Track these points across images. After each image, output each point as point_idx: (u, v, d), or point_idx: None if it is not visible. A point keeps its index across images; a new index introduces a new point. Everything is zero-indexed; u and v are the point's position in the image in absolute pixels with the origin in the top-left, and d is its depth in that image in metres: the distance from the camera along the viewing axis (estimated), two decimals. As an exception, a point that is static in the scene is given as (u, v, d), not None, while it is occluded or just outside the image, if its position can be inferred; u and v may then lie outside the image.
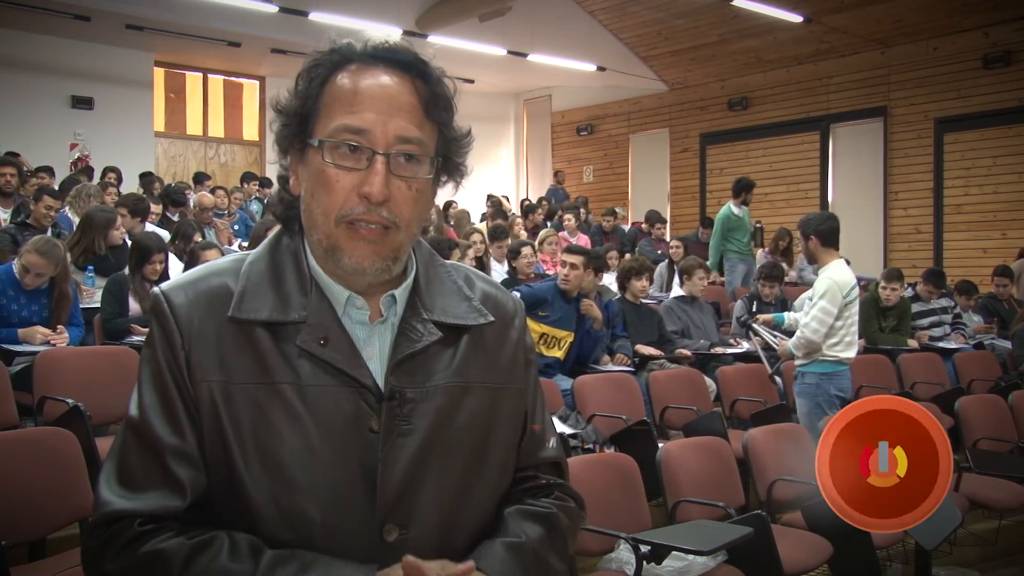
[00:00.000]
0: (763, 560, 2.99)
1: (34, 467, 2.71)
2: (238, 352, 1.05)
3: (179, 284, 1.10)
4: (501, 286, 1.28)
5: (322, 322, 1.07)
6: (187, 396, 1.04)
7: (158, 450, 1.03)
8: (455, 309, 1.15)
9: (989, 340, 7.14)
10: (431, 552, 1.03)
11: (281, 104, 1.12)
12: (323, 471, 1.02)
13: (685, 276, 6.23)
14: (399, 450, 1.05)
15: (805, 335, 4.40)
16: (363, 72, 1.09)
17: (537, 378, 1.26)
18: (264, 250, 1.14)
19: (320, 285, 1.10)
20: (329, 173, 1.06)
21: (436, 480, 1.08)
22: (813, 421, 4.39)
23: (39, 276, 4.29)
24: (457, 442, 1.10)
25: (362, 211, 1.05)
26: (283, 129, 1.12)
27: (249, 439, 1.03)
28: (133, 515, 1.01)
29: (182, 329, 1.06)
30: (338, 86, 1.09)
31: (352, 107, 1.07)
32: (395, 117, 1.07)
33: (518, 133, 16.07)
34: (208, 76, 13.49)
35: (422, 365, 1.10)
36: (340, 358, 1.06)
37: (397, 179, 1.06)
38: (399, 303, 1.13)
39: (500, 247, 7.62)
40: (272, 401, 1.04)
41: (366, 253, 1.06)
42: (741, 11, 10.54)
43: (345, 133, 1.06)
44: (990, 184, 10.30)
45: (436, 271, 1.18)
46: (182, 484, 1.03)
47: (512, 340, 1.20)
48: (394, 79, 1.09)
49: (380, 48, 1.10)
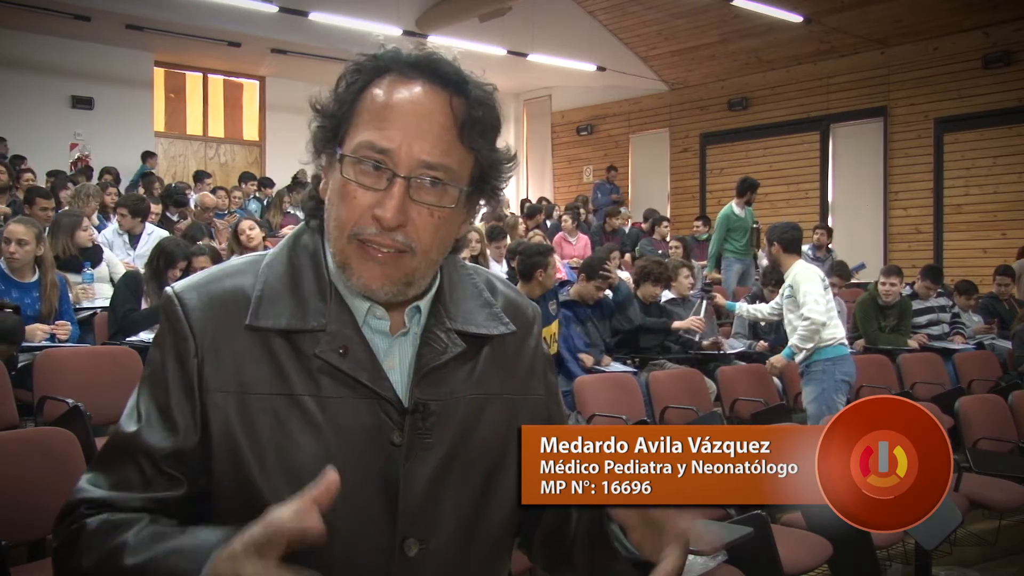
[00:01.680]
0: (763, 560, 2.99)
1: (34, 467, 2.71)
2: (255, 361, 1.02)
3: (192, 285, 1.06)
4: (521, 292, 1.25)
5: (341, 331, 1.04)
6: (191, 407, 1.02)
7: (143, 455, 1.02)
8: (477, 316, 1.12)
9: (989, 340, 7.14)
10: (450, 565, 1.02)
11: (320, 104, 1.07)
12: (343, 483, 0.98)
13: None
14: (421, 464, 1.03)
15: (808, 320, 4.65)
16: (399, 84, 1.04)
17: (556, 388, 1.23)
18: (282, 250, 1.10)
19: (340, 292, 1.07)
20: (349, 187, 1.02)
21: (456, 493, 1.06)
22: (819, 405, 4.64)
23: (22, 246, 4.29)
24: (478, 455, 1.08)
25: (374, 232, 1.01)
26: (319, 131, 1.08)
27: (267, 449, 1.01)
28: (90, 503, 1.00)
29: (196, 337, 1.02)
30: (373, 96, 1.04)
31: (381, 122, 1.02)
32: (421, 139, 1.01)
33: (518, 133, 16.07)
34: (208, 76, 13.49)
35: (445, 377, 1.07)
36: (360, 369, 1.03)
37: (417, 204, 1.02)
38: (423, 312, 1.10)
39: (499, 247, 7.60)
40: (291, 412, 1.01)
41: (375, 275, 1.02)
42: (741, 11, 10.55)
43: (368, 150, 1.01)
44: (990, 184, 10.30)
45: (459, 276, 1.15)
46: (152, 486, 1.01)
47: (530, 348, 1.18)
48: (429, 95, 1.03)
49: (422, 59, 1.05)
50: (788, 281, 4.88)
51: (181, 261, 4.76)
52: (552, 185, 15.32)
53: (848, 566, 3.36)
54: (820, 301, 4.69)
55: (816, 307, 4.66)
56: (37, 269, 4.41)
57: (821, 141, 11.90)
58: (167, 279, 4.68)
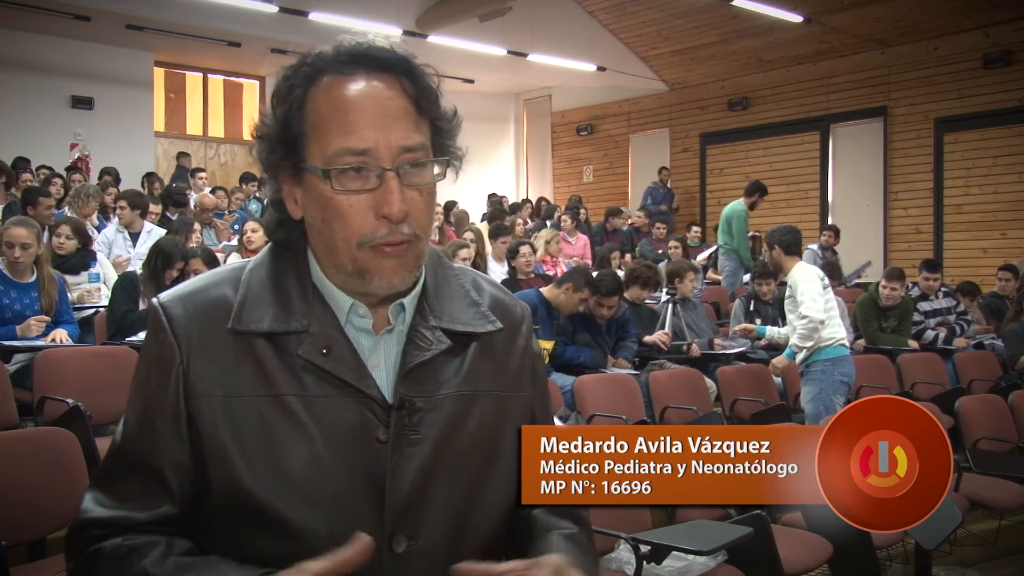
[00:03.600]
0: (763, 560, 2.99)
1: (34, 467, 2.71)
2: (240, 364, 1.03)
3: (177, 296, 1.07)
4: (508, 291, 1.25)
5: (324, 331, 1.05)
6: (175, 415, 1.03)
7: (134, 465, 1.04)
8: (463, 315, 1.12)
9: (989, 340, 7.13)
10: (439, 561, 1.03)
11: (262, 130, 1.07)
12: (330, 482, 1.01)
13: (676, 279, 6.20)
14: (408, 460, 1.04)
15: (806, 319, 4.66)
16: (344, 82, 1.03)
17: (546, 387, 1.24)
18: (265, 256, 1.12)
19: (323, 293, 1.08)
20: (340, 201, 1.02)
21: (445, 490, 1.06)
22: (817, 405, 4.65)
23: (26, 249, 4.30)
24: (466, 451, 1.08)
25: (385, 233, 1.02)
26: (269, 155, 1.07)
27: (254, 451, 1.01)
28: (96, 523, 1.02)
29: (180, 343, 1.04)
30: (323, 103, 1.03)
31: (346, 125, 1.01)
32: (393, 127, 1.02)
33: (518, 133, 16.06)
34: (208, 76, 13.49)
35: (431, 374, 1.08)
36: (343, 368, 1.04)
37: (410, 189, 1.03)
38: (408, 310, 1.10)
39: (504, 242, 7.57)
40: (276, 413, 1.02)
41: (394, 269, 1.04)
42: (741, 11, 10.54)
43: (347, 156, 1.01)
44: (990, 184, 10.30)
45: (444, 275, 1.16)
46: (153, 500, 1.03)
47: (519, 347, 1.18)
48: (381, 84, 1.03)
49: (356, 51, 1.04)
50: (788, 282, 4.90)
51: (179, 261, 4.75)
52: (552, 185, 15.31)
53: (848, 566, 3.36)
54: (818, 300, 4.70)
55: (814, 305, 4.67)
56: (35, 268, 4.41)
57: (821, 141, 11.89)
58: (165, 279, 4.68)
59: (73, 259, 5.18)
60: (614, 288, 5.16)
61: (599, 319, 5.25)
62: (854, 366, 4.86)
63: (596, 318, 5.24)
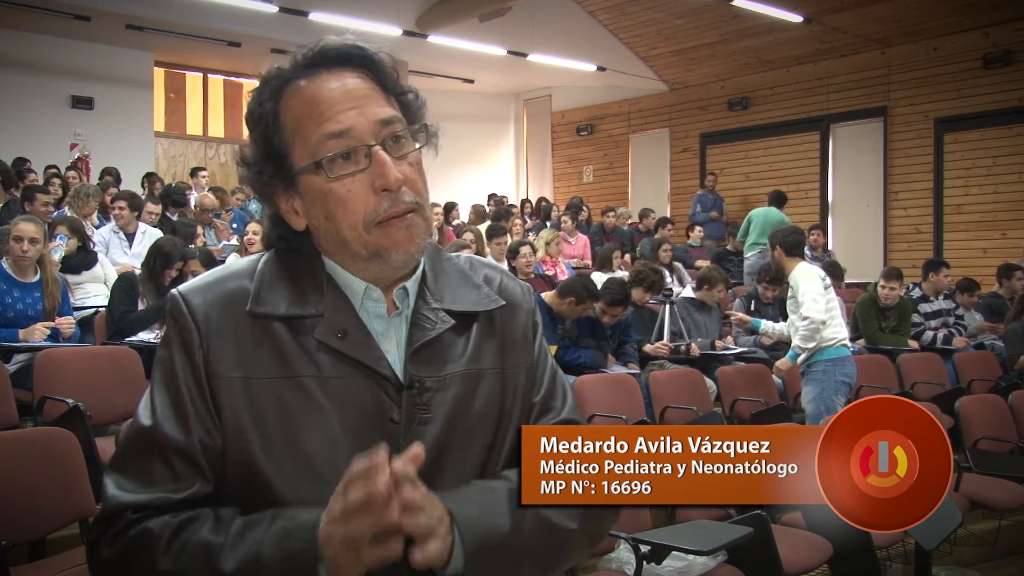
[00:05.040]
0: (763, 560, 3.00)
1: (34, 467, 2.71)
2: (258, 347, 1.06)
3: (196, 287, 1.11)
4: (506, 271, 1.28)
5: (339, 316, 1.09)
6: (202, 396, 1.05)
7: (163, 448, 1.05)
8: (464, 297, 1.16)
9: (990, 340, 7.13)
10: None
11: (247, 156, 1.12)
12: (346, 462, 1.01)
13: (706, 285, 6.19)
14: (420, 438, 1.06)
15: (807, 319, 4.65)
16: (311, 83, 1.08)
17: (545, 349, 1.25)
18: (278, 250, 1.15)
19: (337, 281, 1.11)
20: (336, 189, 1.06)
21: (456, 466, 1.09)
22: (818, 405, 4.64)
23: (34, 244, 4.31)
24: (475, 428, 1.12)
25: (388, 206, 1.06)
26: (259, 177, 1.11)
27: (273, 432, 1.04)
28: (132, 507, 1.03)
29: (200, 327, 1.07)
30: (296, 106, 1.08)
31: (322, 115, 1.06)
32: (366, 105, 1.07)
33: (518, 133, 16.06)
34: (208, 76, 13.49)
35: (438, 353, 1.11)
36: (359, 350, 1.07)
37: (399, 161, 1.07)
38: (411, 295, 1.14)
39: (499, 244, 7.57)
40: (294, 394, 1.05)
41: (407, 239, 1.07)
42: (741, 11, 10.54)
43: (330, 141, 1.05)
44: (990, 184, 10.30)
45: (442, 263, 1.19)
46: (184, 480, 1.04)
47: (521, 322, 1.20)
48: (344, 75, 1.09)
49: (312, 54, 1.10)
50: (790, 283, 4.90)
51: (178, 261, 4.75)
52: (552, 185, 15.31)
53: (848, 566, 3.36)
54: (819, 300, 4.69)
55: (815, 306, 4.66)
56: (38, 268, 4.42)
57: (821, 141, 11.89)
58: (163, 279, 4.68)
59: (74, 259, 5.18)
60: (620, 299, 5.18)
61: (604, 324, 5.26)
62: (856, 366, 4.86)
63: (601, 324, 5.26)
